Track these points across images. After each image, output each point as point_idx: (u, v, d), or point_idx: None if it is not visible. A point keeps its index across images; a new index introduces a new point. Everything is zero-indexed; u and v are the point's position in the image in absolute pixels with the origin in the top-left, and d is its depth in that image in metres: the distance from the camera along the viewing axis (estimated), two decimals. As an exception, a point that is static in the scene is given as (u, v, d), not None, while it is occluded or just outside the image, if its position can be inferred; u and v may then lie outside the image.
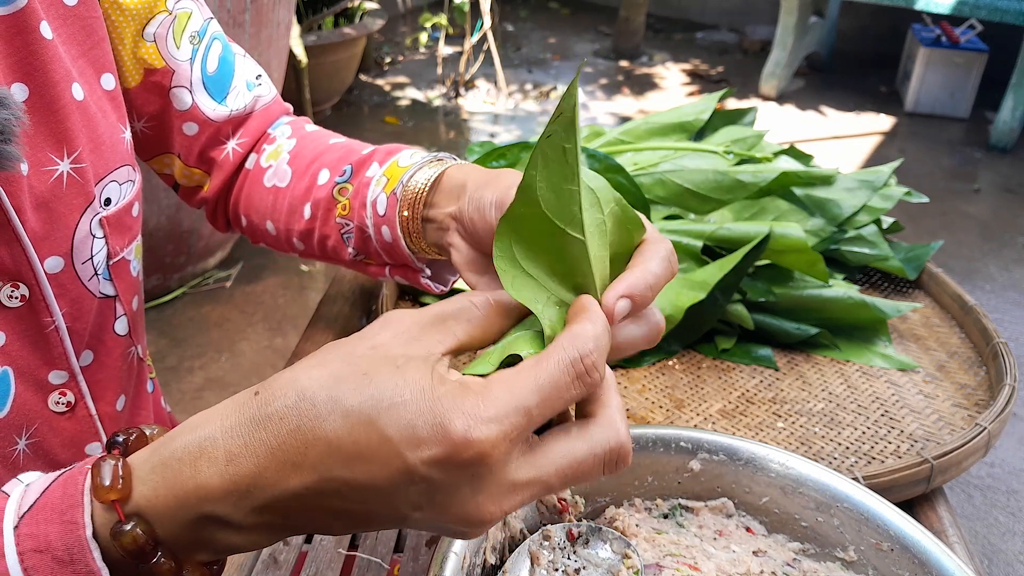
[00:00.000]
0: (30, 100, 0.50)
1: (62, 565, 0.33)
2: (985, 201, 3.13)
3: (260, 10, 2.10)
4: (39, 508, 0.34)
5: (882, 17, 4.41)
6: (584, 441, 0.35)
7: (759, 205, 0.88)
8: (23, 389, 0.53)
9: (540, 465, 0.34)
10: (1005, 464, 1.91)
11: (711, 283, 0.77)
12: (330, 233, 0.62)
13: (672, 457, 0.55)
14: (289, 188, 0.64)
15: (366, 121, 3.68)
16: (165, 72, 0.61)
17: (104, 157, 0.56)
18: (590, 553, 0.48)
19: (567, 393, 0.34)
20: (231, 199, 0.70)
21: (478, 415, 0.32)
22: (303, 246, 0.65)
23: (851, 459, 0.68)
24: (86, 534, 0.34)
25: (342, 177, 0.61)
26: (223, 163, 0.68)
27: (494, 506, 0.33)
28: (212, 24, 0.66)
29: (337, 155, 0.64)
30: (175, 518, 0.34)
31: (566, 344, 0.34)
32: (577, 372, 0.34)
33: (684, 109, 1.02)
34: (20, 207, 0.49)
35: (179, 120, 0.64)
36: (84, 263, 0.55)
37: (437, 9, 4.36)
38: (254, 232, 0.69)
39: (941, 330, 0.88)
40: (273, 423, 0.33)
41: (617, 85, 4.22)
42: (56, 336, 0.54)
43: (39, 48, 0.50)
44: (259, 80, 0.70)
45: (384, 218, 0.57)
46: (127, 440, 0.37)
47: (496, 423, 0.32)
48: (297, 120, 0.72)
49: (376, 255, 0.60)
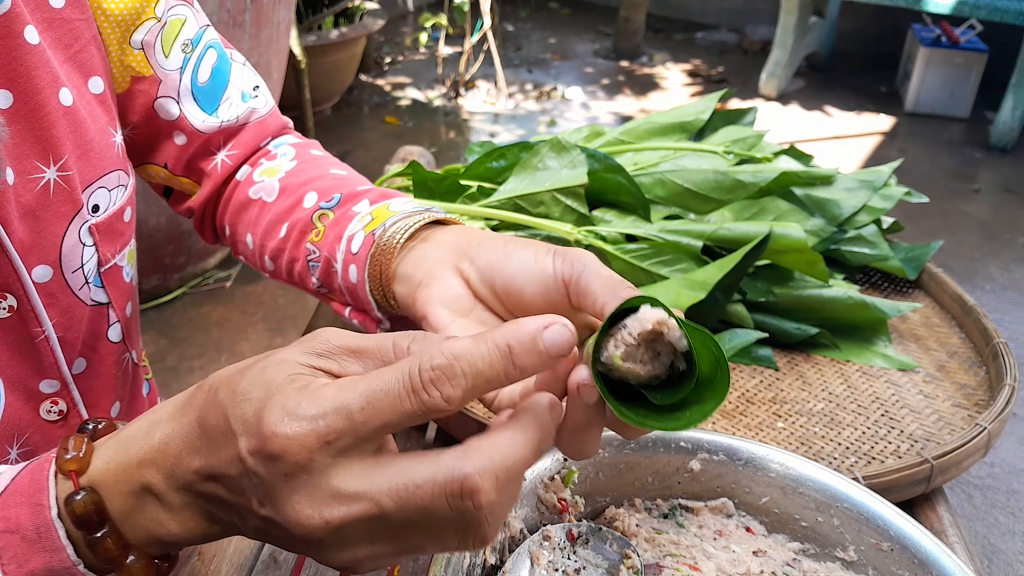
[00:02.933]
0: (14, 107, 0.49)
1: (31, 544, 0.36)
2: (985, 201, 3.13)
3: (260, 10, 2.10)
4: (9, 493, 0.37)
5: (882, 17, 4.41)
6: (429, 465, 0.31)
7: (759, 205, 0.88)
8: (13, 399, 0.53)
9: (374, 480, 0.31)
10: (1005, 464, 1.91)
11: (711, 283, 0.77)
12: (298, 257, 0.60)
13: (672, 457, 0.55)
14: (274, 204, 0.63)
15: (366, 121, 3.67)
16: (152, 81, 0.60)
17: (92, 163, 0.55)
18: (590, 553, 0.49)
19: (399, 405, 0.31)
20: (218, 209, 0.68)
21: (294, 411, 0.32)
22: (273, 266, 0.63)
23: (851, 459, 0.68)
24: (51, 515, 0.36)
25: (328, 203, 0.59)
26: (211, 173, 0.66)
27: (312, 511, 0.32)
28: (208, 32, 0.64)
29: (331, 183, 0.62)
30: (121, 490, 0.36)
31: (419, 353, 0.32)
32: (413, 385, 0.31)
33: (684, 109, 1.02)
34: (6, 217, 0.48)
35: (168, 129, 0.63)
36: (74, 272, 0.54)
37: (437, 9, 4.36)
38: (235, 244, 0.67)
39: (941, 330, 0.88)
40: (190, 410, 0.36)
41: (617, 85, 4.22)
42: (47, 345, 0.53)
43: (23, 54, 0.49)
44: (256, 92, 0.68)
45: (355, 257, 0.55)
46: (95, 427, 0.40)
47: (308, 421, 0.31)
48: (305, 142, 0.70)
49: (339, 293, 0.58)
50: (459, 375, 0.31)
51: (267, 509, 0.33)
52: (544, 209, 0.86)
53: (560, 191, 0.85)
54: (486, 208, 0.87)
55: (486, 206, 0.88)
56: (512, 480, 0.32)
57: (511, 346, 0.32)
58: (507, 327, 0.33)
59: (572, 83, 4.24)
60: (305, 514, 0.32)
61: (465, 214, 0.88)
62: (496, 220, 0.87)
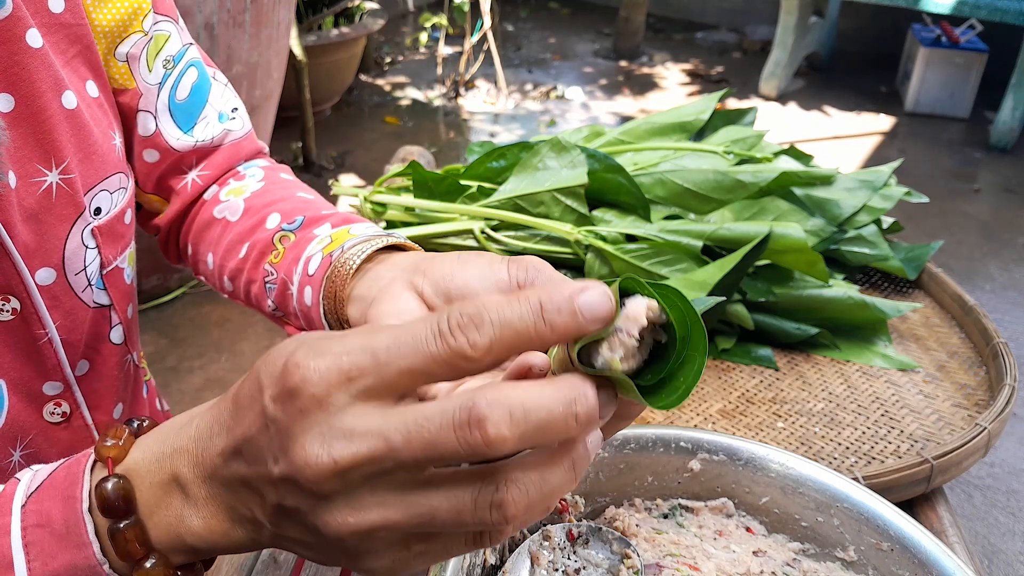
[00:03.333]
0: (16, 111, 0.49)
1: (59, 539, 0.35)
2: (985, 201, 3.13)
3: (260, 10, 2.10)
4: (45, 488, 0.37)
5: (882, 17, 4.41)
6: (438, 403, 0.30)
7: (759, 205, 0.88)
8: (16, 401, 0.53)
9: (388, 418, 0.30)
10: (1005, 464, 1.91)
11: (711, 283, 0.77)
12: (256, 278, 0.59)
13: (672, 457, 0.55)
14: (236, 224, 0.62)
15: (366, 121, 3.68)
16: (134, 94, 0.60)
17: (95, 166, 0.55)
18: (590, 553, 0.49)
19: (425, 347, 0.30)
20: (182, 228, 0.68)
21: (319, 349, 0.30)
22: (231, 287, 0.63)
23: (851, 459, 0.68)
24: (82, 508, 0.36)
25: (290, 225, 0.59)
26: (181, 192, 0.65)
27: (320, 449, 0.30)
28: (191, 50, 0.64)
29: (296, 205, 0.61)
30: (151, 480, 0.36)
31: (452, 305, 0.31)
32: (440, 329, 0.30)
33: (684, 109, 1.02)
34: (9, 221, 0.48)
35: (140, 146, 0.62)
36: (77, 274, 0.55)
37: (437, 9, 4.36)
38: (196, 263, 0.66)
39: (941, 330, 0.88)
40: (229, 394, 0.35)
41: (617, 85, 4.22)
42: (50, 348, 0.54)
43: (25, 57, 0.49)
44: (234, 114, 0.67)
45: (311, 279, 0.54)
46: (140, 425, 0.40)
47: (332, 356, 0.30)
48: (276, 166, 0.69)
49: (294, 316, 0.57)
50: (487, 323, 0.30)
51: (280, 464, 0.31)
52: (544, 209, 0.86)
53: (560, 191, 0.85)
54: (486, 208, 0.87)
55: (486, 206, 0.88)
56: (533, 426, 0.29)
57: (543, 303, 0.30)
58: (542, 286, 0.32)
59: (572, 83, 4.24)
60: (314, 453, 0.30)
61: (465, 214, 0.88)
62: (496, 220, 0.87)
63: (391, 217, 0.93)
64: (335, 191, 0.99)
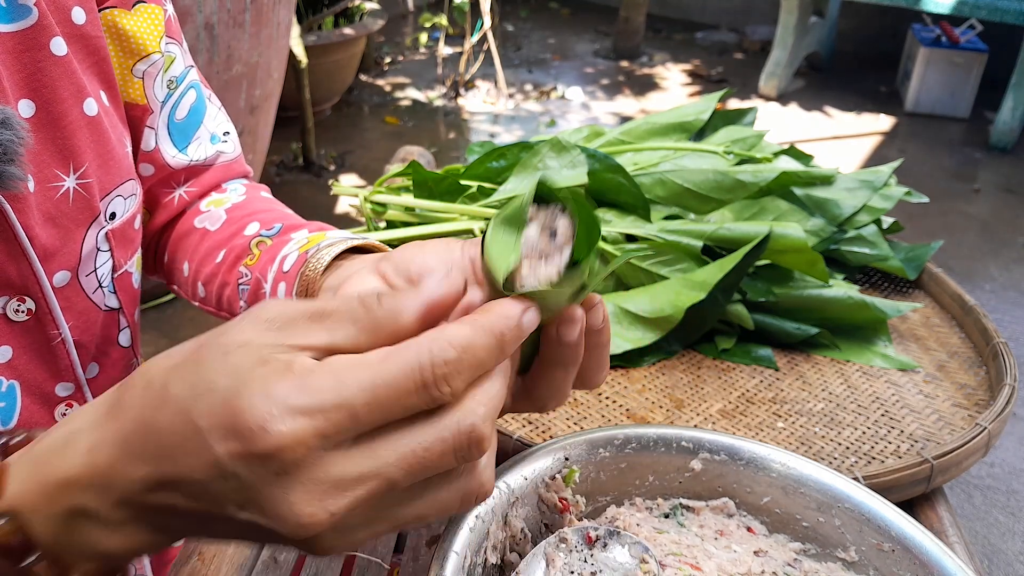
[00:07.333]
0: (37, 116, 0.50)
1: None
2: (985, 201, 3.13)
3: (260, 10, 2.10)
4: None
5: (882, 17, 4.41)
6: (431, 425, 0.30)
7: (759, 205, 0.88)
8: (30, 402, 0.54)
9: (377, 455, 0.30)
10: (1005, 464, 1.91)
11: (711, 283, 0.77)
12: (230, 281, 0.60)
13: (673, 457, 0.55)
14: (216, 233, 0.63)
15: (366, 121, 3.68)
16: (144, 110, 0.61)
17: (112, 172, 0.56)
18: (607, 557, 0.48)
19: (406, 400, 0.30)
20: (162, 239, 0.69)
21: (286, 403, 0.28)
22: (204, 292, 0.63)
23: (851, 459, 0.68)
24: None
25: (268, 231, 0.60)
26: (167, 205, 0.66)
27: (314, 507, 0.29)
28: (192, 73, 0.66)
29: (276, 215, 0.63)
30: (46, 513, 0.33)
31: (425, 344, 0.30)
32: (424, 380, 0.30)
33: (684, 109, 1.02)
34: (28, 223, 0.49)
35: (139, 160, 0.64)
36: (88, 275, 0.56)
37: (437, 9, 4.36)
38: (172, 271, 0.67)
39: (941, 330, 0.88)
40: (123, 412, 0.32)
41: (617, 85, 4.22)
42: (63, 349, 0.54)
43: (48, 65, 0.50)
44: (226, 136, 0.69)
45: (286, 275, 0.54)
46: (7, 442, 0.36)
47: (307, 417, 0.28)
48: (257, 186, 0.71)
49: None
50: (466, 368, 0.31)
51: (249, 512, 0.30)
52: (544, 209, 0.86)
53: (560, 191, 0.85)
54: (486, 208, 0.87)
55: (486, 206, 0.88)
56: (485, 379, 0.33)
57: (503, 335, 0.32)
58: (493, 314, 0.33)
59: (572, 83, 4.24)
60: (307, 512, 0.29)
61: (465, 214, 0.88)
62: (496, 220, 0.87)
63: (391, 217, 0.93)
64: (335, 191, 0.99)
